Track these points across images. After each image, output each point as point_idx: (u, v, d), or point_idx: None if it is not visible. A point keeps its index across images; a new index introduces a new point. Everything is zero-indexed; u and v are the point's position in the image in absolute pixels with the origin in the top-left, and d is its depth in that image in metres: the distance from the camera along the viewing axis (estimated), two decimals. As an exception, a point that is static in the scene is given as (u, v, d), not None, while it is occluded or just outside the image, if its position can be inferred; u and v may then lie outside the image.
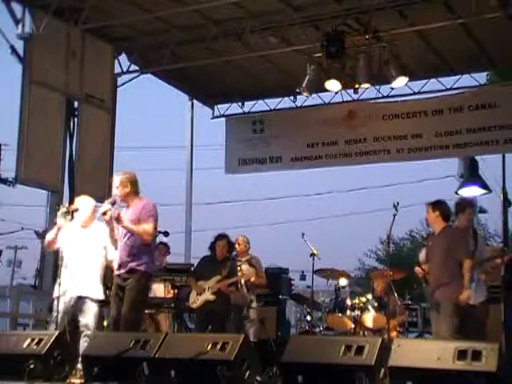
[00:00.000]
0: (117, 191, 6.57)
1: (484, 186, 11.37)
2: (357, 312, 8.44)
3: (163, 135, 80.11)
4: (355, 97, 10.91)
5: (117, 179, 6.61)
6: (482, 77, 11.34)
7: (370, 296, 8.64)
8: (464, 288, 6.55)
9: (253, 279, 8.79)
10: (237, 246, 8.94)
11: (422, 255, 7.16)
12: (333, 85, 9.80)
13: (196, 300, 8.28)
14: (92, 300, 6.53)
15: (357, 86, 9.63)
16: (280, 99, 12.04)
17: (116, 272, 6.63)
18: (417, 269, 7.18)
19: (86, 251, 6.60)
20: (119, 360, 5.53)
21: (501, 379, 4.61)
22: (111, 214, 6.35)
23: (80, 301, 6.51)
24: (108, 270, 6.77)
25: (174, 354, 5.45)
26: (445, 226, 6.97)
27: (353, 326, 8.44)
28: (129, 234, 6.54)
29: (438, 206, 6.96)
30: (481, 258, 7.04)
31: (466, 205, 7.38)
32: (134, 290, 6.46)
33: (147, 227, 6.49)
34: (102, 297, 6.61)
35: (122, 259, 6.56)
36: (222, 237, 8.51)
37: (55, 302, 6.39)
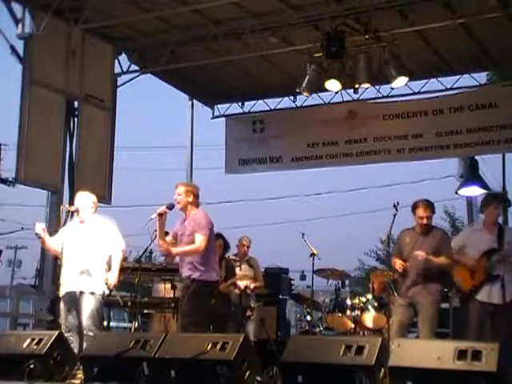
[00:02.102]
0: (178, 198, 6.72)
1: (484, 186, 11.34)
2: (357, 312, 8.45)
3: (163, 135, 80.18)
4: (355, 97, 10.91)
5: (182, 188, 6.76)
6: (482, 77, 11.33)
7: (369, 296, 8.64)
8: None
9: (252, 286, 8.80)
10: (242, 247, 8.97)
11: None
12: (333, 85, 9.79)
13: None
14: (88, 296, 6.47)
15: (357, 85, 9.62)
16: (280, 99, 12.04)
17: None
18: (396, 261, 6.78)
19: (83, 246, 6.55)
20: (119, 360, 5.52)
21: (501, 379, 4.61)
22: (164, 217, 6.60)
23: (77, 298, 6.48)
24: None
25: (174, 354, 5.44)
26: (432, 226, 6.93)
27: (353, 326, 8.45)
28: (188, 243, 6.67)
29: (433, 206, 6.88)
30: (505, 253, 6.75)
31: (490, 199, 7.18)
32: (191, 299, 6.57)
33: (197, 239, 6.58)
34: (101, 292, 6.54)
35: (184, 267, 6.72)
36: (217, 237, 8.50)
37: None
